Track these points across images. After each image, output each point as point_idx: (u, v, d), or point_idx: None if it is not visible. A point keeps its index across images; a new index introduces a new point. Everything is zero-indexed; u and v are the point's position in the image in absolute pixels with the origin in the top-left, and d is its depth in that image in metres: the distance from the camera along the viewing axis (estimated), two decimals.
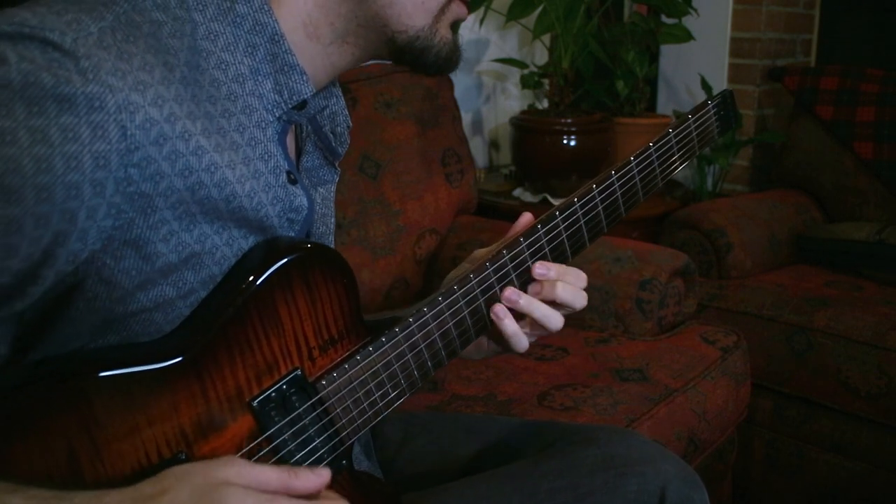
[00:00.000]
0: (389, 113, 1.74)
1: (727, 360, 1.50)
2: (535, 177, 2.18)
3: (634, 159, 0.86)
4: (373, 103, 1.72)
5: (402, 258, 1.71)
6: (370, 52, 0.74)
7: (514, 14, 2.11)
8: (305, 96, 0.70)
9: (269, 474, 0.60)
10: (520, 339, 0.80)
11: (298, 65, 0.69)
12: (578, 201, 0.82)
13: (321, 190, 0.80)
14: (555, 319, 0.80)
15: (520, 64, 2.32)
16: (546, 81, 2.32)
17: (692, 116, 0.91)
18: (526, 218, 0.84)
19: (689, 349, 1.49)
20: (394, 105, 1.75)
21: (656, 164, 0.88)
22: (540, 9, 2.12)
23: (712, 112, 0.93)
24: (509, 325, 0.79)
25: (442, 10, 0.72)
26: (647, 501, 0.77)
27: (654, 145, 0.87)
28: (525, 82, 2.35)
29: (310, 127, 0.79)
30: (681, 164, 0.91)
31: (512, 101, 2.61)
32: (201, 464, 0.59)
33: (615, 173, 0.85)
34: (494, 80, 2.56)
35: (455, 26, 0.75)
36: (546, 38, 2.39)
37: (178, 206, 0.60)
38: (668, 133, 0.88)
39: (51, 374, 0.60)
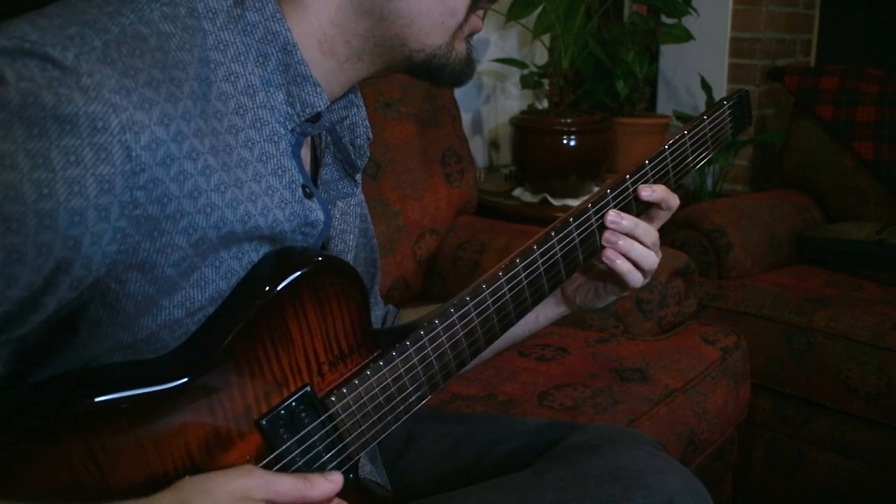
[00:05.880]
0: (389, 113, 1.74)
1: (727, 360, 1.50)
2: (535, 177, 2.17)
3: (650, 163, 0.85)
4: (373, 103, 1.72)
5: (402, 258, 1.70)
6: (385, 68, 0.73)
7: (514, 14, 2.11)
8: (319, 109, 0.67)
9: (287, 484, 0.61)
10: (634, 274, 0.85)
11: (312, 76, 0.66)
12: (592, 207, 0.82)
13: (340, 204, 0.78)
14: (636, 274, 0.86)
15: (520, 64, 2.32)
16: (546, 81, 2.32)
17: (707, 117, 0.89)
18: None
19: (689, 349, 1.49)
20: (394, 105, 1.75)
21: (670, 167, 0.87)
22: (540, 9, 2.12)
23: (728, 113, 0.92)
24: (622, 264, 0.84)
25: (460, 28, 0.71)
26: None
27: (668, 148, 0.86)
28: (525, 82, 2.35)
29: (329, 138, 0.76)
30: (695, 166, 0.90)
31: (512, 101, 2.61)
32: (218, 475, 0.58)
33: (630, 177, 0.84)
34: (494, 80, 2.56)
35: (470, 37, 0.74)
36: (546, 38, 2.39)
37: (192, 233, 0.58)
38: (684, 135, 0.87)
39: (51, 398, 0.57)
